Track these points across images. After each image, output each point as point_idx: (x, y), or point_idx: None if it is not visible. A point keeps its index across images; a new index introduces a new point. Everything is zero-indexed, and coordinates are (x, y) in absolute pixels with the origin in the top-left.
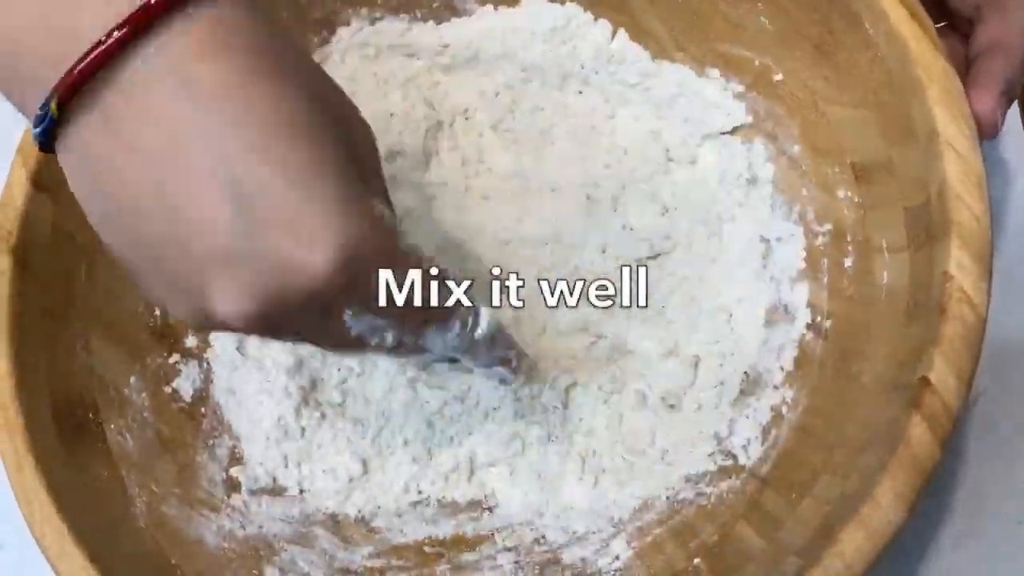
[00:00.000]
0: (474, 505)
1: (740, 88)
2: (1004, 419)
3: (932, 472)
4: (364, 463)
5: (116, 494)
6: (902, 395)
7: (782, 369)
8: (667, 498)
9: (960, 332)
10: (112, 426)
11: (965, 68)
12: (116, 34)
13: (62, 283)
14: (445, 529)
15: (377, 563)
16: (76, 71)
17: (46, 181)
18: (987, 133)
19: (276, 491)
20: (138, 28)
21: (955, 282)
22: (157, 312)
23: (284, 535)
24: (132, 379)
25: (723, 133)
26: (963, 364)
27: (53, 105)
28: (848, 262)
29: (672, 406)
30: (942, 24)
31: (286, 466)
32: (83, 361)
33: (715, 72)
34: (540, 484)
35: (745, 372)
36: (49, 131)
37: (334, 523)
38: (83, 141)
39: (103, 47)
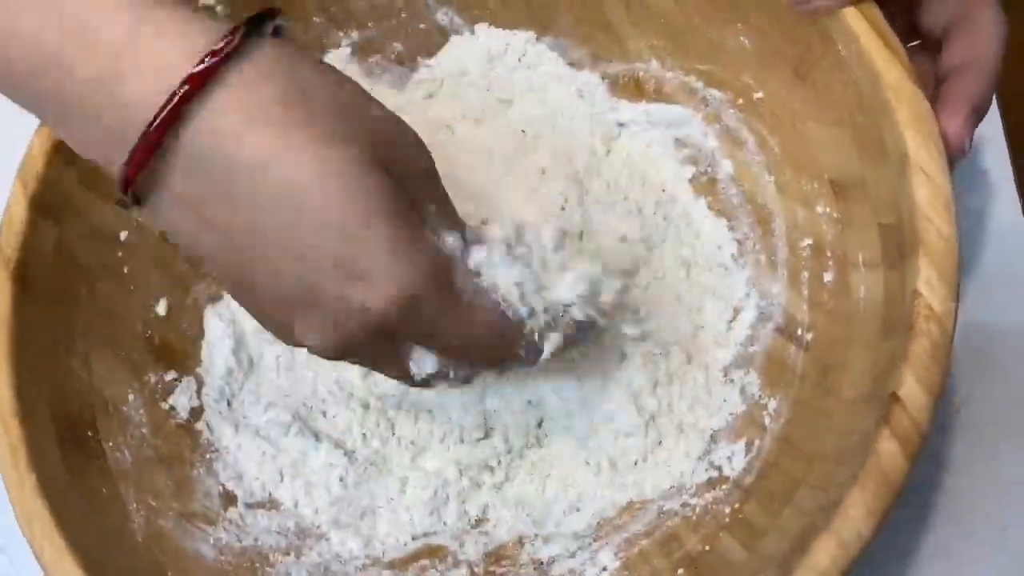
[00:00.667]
0: (464, 521)
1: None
2: (988, 425)
3: (901, 486)
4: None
5: (114, 509)
6: (875, 409)
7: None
8: (655, 509)
9: (928, 348)
10: (111, 443)
11: (935, 88)
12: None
13: (62, 303)
14: (435, 542)
15: (369, 574)
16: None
17: (47, 203)
18: (955, 154)
19: (271, 504)
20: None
21: (923, 300)
22: (155, 330)
23: (279, 547)
24: (131, 396)
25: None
26: (932, 379)
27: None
28: (828, 276)
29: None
30: (914, 44)
31: (281, 480)
32: (83, 379)
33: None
34: (529, 499)
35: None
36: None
37: (327, 535)
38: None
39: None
